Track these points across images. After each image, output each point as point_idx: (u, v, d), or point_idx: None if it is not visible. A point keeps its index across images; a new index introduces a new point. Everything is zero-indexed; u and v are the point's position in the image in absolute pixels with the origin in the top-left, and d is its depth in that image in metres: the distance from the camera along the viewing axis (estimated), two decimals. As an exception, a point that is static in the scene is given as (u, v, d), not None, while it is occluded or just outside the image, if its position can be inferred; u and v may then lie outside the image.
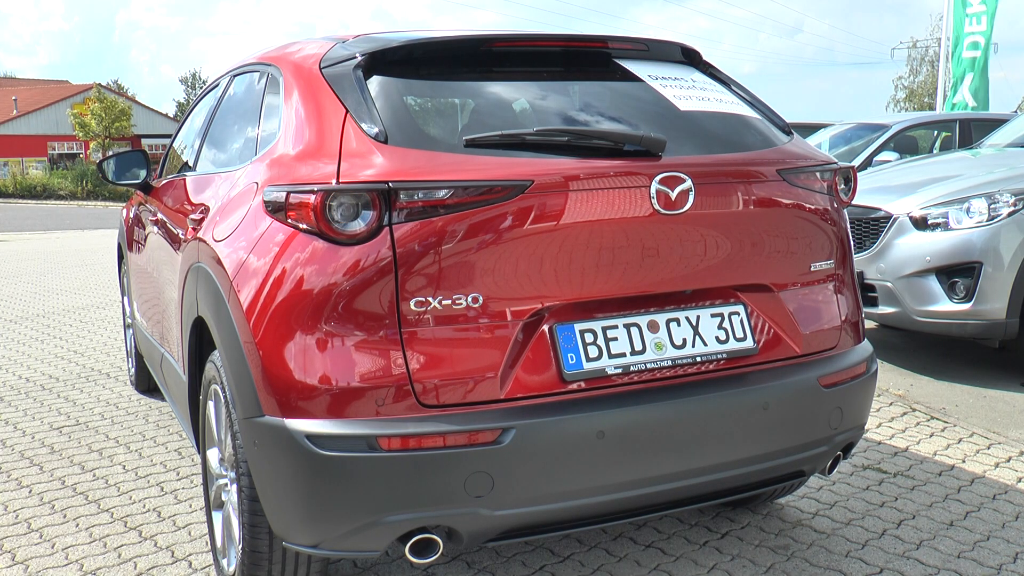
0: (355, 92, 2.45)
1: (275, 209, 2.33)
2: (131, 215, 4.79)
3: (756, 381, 2.48)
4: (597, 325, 2.33)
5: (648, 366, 2.36)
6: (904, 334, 6.24)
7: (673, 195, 2.36)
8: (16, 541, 3.23)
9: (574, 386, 2.28)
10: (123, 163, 4.43)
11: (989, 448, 4.07)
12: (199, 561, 3.06)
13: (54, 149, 48.90)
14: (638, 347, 2.36)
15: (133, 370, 5.20)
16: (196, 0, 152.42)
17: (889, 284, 5.30)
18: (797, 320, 2.60)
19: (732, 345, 2.46)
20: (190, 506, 3.51)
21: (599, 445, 2.23)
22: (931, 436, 4.24)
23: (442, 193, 2.19)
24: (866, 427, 2.93)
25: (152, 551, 3.14)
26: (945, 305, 5.12)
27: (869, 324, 6.11)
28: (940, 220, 5.21)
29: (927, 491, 3.56)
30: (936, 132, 10.18)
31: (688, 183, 2.37)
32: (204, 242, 2.73)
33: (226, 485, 2.72)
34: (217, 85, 3.90)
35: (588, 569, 2.95)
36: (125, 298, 5.25)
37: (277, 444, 2.21)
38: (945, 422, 4.45)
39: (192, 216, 3.05)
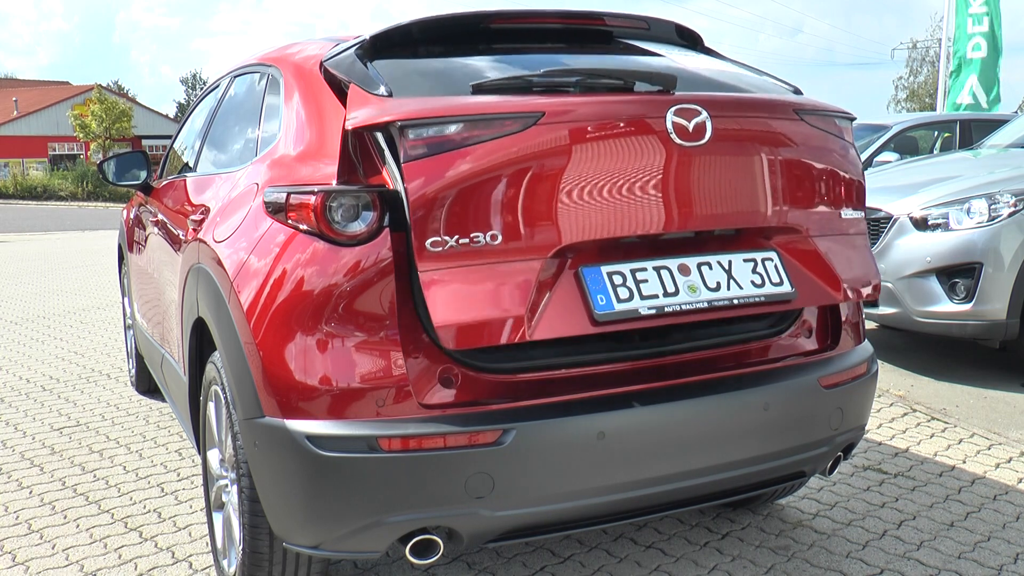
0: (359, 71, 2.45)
1: (275, 210, 2.33)
2: (131, 216, 4.80)
3: (756, 381, 2.48)
4: (625, 267, 2.26)
5: (683, 307, 2.27)
6: (905, 335, 6.24)
7: (690, 126, 2.29)
8: (17, 542, 3.23)
9: (604, 329, 2.19)
10: (123, 164, 4.43)
11: (990, 449, 4.07)
12: (200, 562, 3.06)
13: (54, 150, 48.94)
14: (670, 289, 2.27)
15: (133, 371, 5.20)
16: (196, 1, 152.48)
17: (890, 285, 5.30)
18: (834, 266, 2.51)
19: (769, 289, 2.38)
20: (191, 507, 3.51)
21: (600, 446, 2.23)
22: (932, 437, 4.24)
23: (450, 128, 2.14)
24: (867, 428, 2.93)
25: (153, 552, 3.14)
26: (945, 306, 5.12)
27: (870, 325, 6.11)
28: (941, 221, 5.21)
29: (928, 492, 3.56)
30: (936, 133, 10.19)
31: (704, 115, 2.30)
32: (204, 243, 2.73)
33: (226, 486, 2.72)
34: (217, 86, 3.90)
35: (589, 570, 2.95)
36: (125, 299, 5.25)
37: (278, 445, 2.21)
38: (946, 423, 4.45)
39: (192, 217, 3.05)
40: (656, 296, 2.25)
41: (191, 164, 3.84)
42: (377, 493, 2.15)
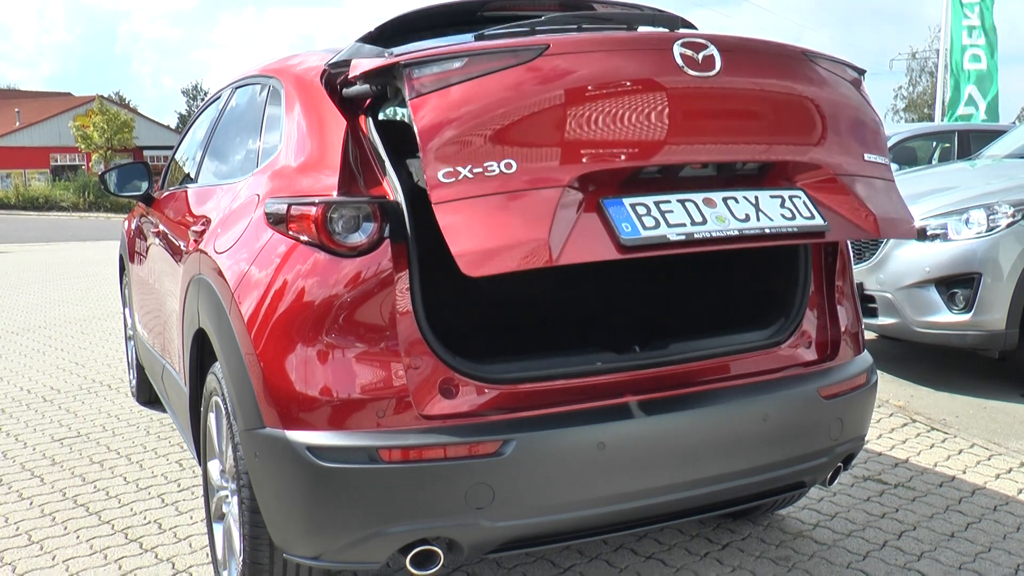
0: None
1: (276, 221, 2.34)
2: (133, 227, 4.81)
3: (756, 392, 2.48)
4: (648, 200, 2.18)
5: (714, 234, 2.17)
6: (904, 345, 6.24)
7: (699, 58, 2.24)
8: (16, 553, 3.23)
9: (630, 250, 2.10)
10: (125, 175, 4.44)
11: (990, 459, 4.07)
12: (200, 573, 3.06)
13: (56, 161, 49.01)
14: (697, 219, 2.18)
15: (134, 382, 5.21)
16: (197, 12, 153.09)
17: (889, 295, 5.31)
18: (865, 203, 2.41)
19: (801, 221, 2.28)
20: (191, 518, 3.51)
21: (599, 456, 2.23)
22: (931, 447, 4.24)
23: (455, 64, 2.12)
24: (866, 438, 2.93)
25: (153, 563, 3.14)
26: (945, 316, 5.12)
27: (869, 335, 6.11)
28: (939, 231, 5.22)
29: (928, 502, 3.56)
30: (935, 143, 10.20)
31: (711, 48, 2.26)
32: (205, 254, 2.74)
33: (227, 497, 2.72)
34: (219, 97, 3.92)
35: (589, 580, 2.95)
36: (126, 310, 5.26)
37: (278, 456, 2.22)
38: (945, 433, 4.45)
39: (194, 228, 3.06)
40: (683, 224, 2.17)
41: (192, 175, 3.85)
42: (377, 504, 2.15)
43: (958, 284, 5.10)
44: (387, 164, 2.35)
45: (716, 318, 3.12)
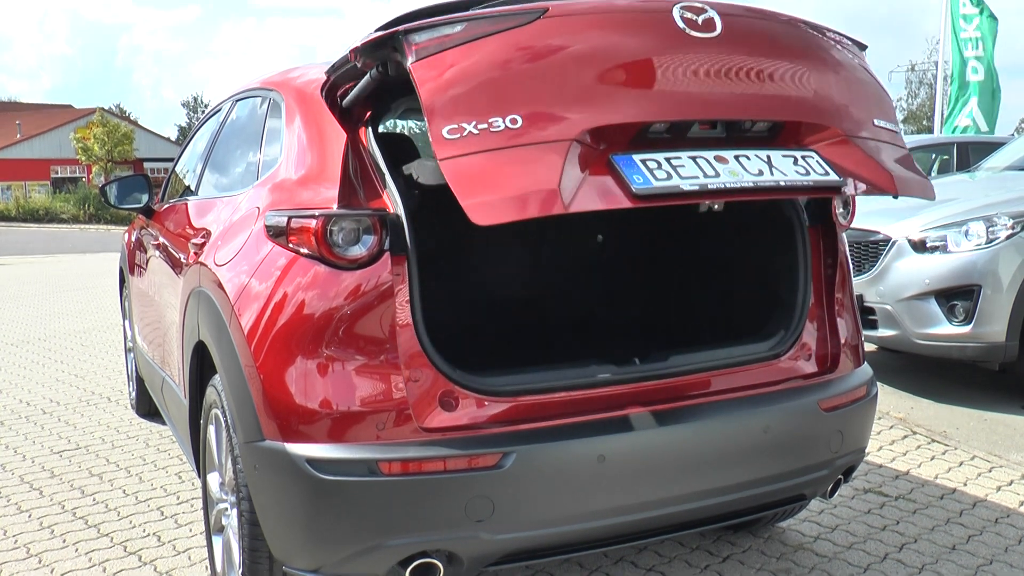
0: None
1: (276, 234, 2.34)
2: (133, 239, 4.81)
3: (756, 404, 2.48)
4: (659, 156, 2.13)
5: (728, 185, 2.12)
6: (904, 357, 6.24)
7: (699, 20, 2.23)
8: (15, 567, 3.22)
9: (641, 199, 2.05)
10: (125, 187, 4.45)
11: (990, 471, 4.06)
12: (199, 586, 3.05)
13: (56, 173, 49.06)
14: (710, 173, 2.14)
15: (134, 394, 5.20)
16: (198, 24, 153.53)
17: (888, 307, 5.31)
18: (880, 163, 2.37)
19: (816, 177, 2.22)
20: (190, 530, 3.50)
21: (600, 469, 2.23)
22: (932, 459, 4.23)
23: (455, 28, 2.12)
24: (867, 450, 2.93)
25: (152, 576, 3.13)
26: (945, 328, 5.12)
27: (869, 347, 6.11)
28: (939, 243, 5.22)
29: (929, 514, 3.55)
30: (934, 155, 10.22)
31: (711, 13, 2.25)
32: (206, 266, 2.75)
33: (226, 509, 2.72)
34: (219, 110, 3.93)
35: (589, 594, 2.94)
36: (126, 322, 5.26)
37: (278, 468, 2.22)
38: (946, 445, 4.44)
39: (194, 240, 3.06)
40: (696, 177, 2.12)
41: (193, 187, 3.86)
42: (377, 516, 2.15)
43: (958, 296, 5.10)
44: (387, 177, 2.36)
45: (716, 330, 3.12)
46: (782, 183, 2.17)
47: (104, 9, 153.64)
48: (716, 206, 2.34)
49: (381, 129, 2.60)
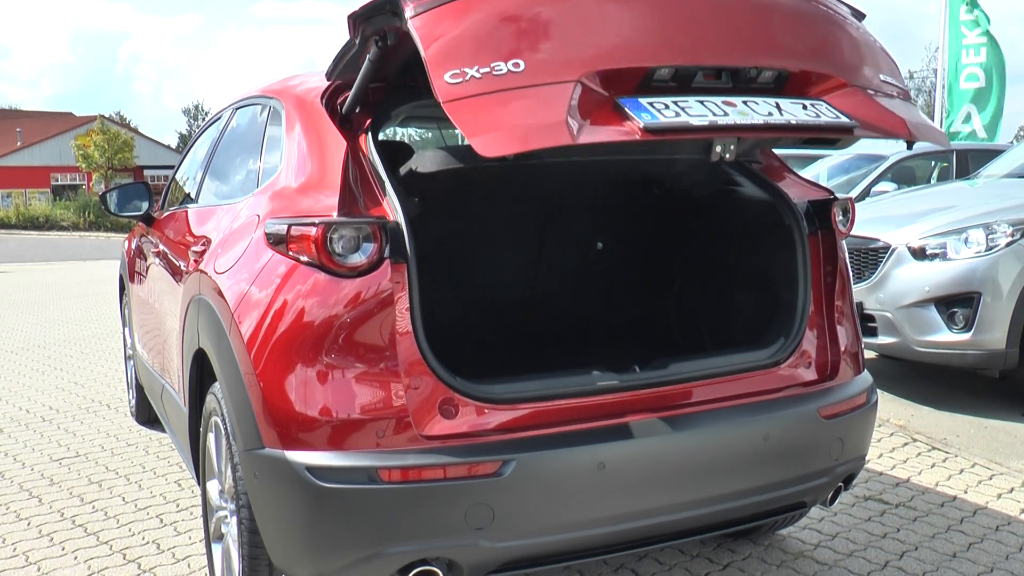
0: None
1: (276, 241, 2.34)
2: (133, 246, 4.82)
3: (756, 412, 2.48)
4: (666, 98, 2.11)
5: (738, 122, 2.09)
6: (904, 364, 6.23)
7: None
8: (14, 575, 3.21)
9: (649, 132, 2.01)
10: (125, 195, 4.46)
11: (991, 479, 4.06)
12: (198, 594, 3.04)
13: (57, 180, 49.08)
14: (719, 113, 2.11)
15: (134, 401, 5.20)
16: (199, 32, 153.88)
17: (888, 314, 5.31)
18: (891, 110, 2.33)
19: (827, 120, 2.19)
20: (189, 538, 3.50)
21: (600, 476, 2.23)
22: (932, 466, 4.22)
23: None
24: (867, 458, 2.92)
25: (151, 584, 3.12)
26: (944, 335, 5.12)
27: (869, 354, 6.11)
28: (939, 250, 5.22)
29: (929, 522, 3.55)
30: (934, 162, 10.23)
31: None
32: (205, 274, 2.75)
33: (226, 517, 2.71)
34: (219, 118, 3.94)
35: (589, 602, 2.93)
36: (126, 329, 5.26)
37: (277, 476, 2.21)
38: (946, 452, 4.44)
39: (194, 248, 3.07)
40: (705, 115, 2.09)
41: (193, 195, 3.87)
42: (377, 524, 2.14)
43: (958, 303, 5.10)
44: (387, 184, 2.36)
45: (716, 338, 3.12)
46: (793, 122, 2.15)
47: (105, 17, 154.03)
48: (727, 154, 2.27)
49: (381, 137, 2.60)
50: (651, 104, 2.07)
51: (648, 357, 2.55)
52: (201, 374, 2.90)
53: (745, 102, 2.16)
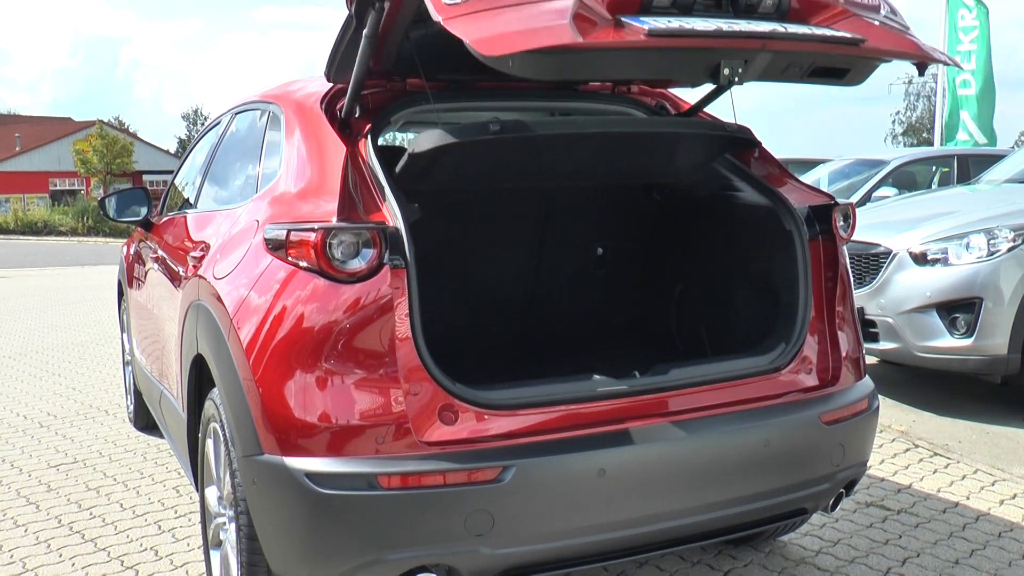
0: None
1: (276, 247, 2.33)
2: (131, 252, 4.81)
3: (757, 418, 2.47)
4: (669, 18, 2.09)
5: (743, 29, 2.08)
6: (905, 370, 6.22)
7: None
8: (11, 581, 3.20)
9: None
10: (124, 200, 4.45)
11: (993, 485, 4.04)
12: (196, 601, 3.02)
13: (55, 185, 49.10)
14: (724, 26, 2.08)
15: (132, 407, 5.18)
16: (198, 37, 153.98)
17: (890, 320, 5.30)
18: (898, 34, 2.32)
19: (832, 33, 2.18)
20: (188, 544, 3.48)
21: (600, 483, 2.22)
22: (934, 472, 4.21)
23: None
24: (868, 464, 2.91)
25: (149, 591, 3.10)
26: (946, 341, 5.11)
27: (870, 360, 6.10)
28: (940, 256, 5.22)
29: (932, 528, 3.53)
30: (934, 168, 10.24)
31: None
32: (204, 279, 2.73)
33: (224, 523, 2.70)
34: (219, 123, 3.93)
35: (590, 609, 2.92)
36: (124, 335, 5.24)
37: (276, 482, 2.20)
38: (948, 458, 4.42)
39: (193, 253, 3.06)
40: (710, 26, 2.07)
41: (192, 200, 3.86)
42: (376, 531, 2.13)
43: (959, 309, 5.09)
44: (387, 190, 2.35)
45: (716, 343, 3.11)
46: (799, 34, 2.14)
47: (106, 22, 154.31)
48: (736, 77, 2.21)
49: (380, 142, 2.59)
50: (653, 20, 2.05)
51: (649, 363, 2.54)
52: (200, 380, 2.88)
53: (748, 23, 2.14)
